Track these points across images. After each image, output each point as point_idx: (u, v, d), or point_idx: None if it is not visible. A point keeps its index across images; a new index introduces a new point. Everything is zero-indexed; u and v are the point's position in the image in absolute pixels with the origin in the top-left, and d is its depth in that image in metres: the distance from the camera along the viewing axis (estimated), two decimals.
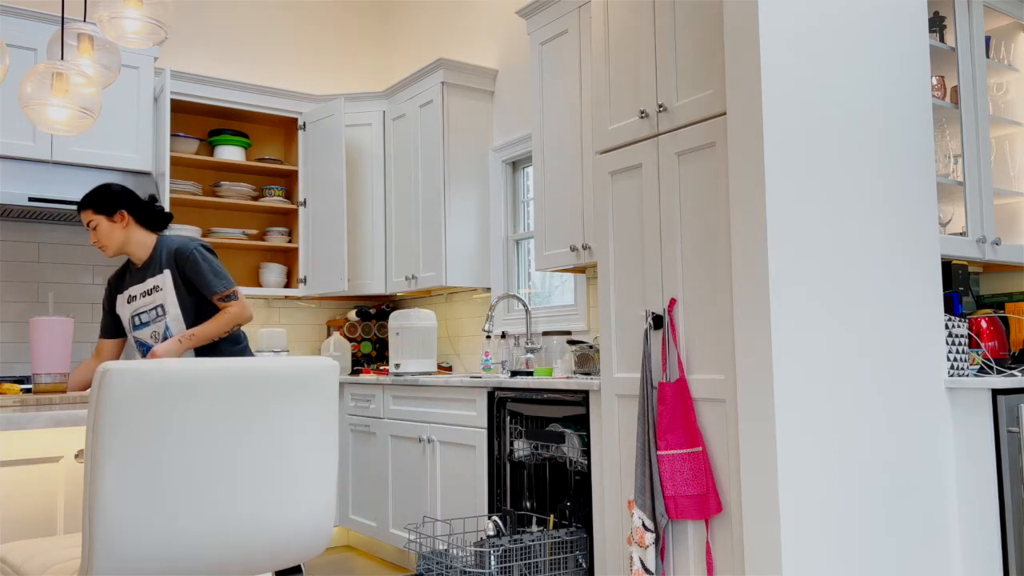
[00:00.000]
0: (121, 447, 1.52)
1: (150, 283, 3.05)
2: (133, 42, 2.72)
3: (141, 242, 3.06)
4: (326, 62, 5.73)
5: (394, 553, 4.43)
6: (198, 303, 3.04)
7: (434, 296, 5.25)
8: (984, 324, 2.87)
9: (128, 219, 3.03)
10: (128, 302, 3.09)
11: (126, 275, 3.14)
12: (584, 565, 3.07)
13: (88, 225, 3.01)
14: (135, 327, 3.08)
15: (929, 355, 2.68)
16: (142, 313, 3.06)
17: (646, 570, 2.57)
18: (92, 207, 3.00)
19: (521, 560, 3.02)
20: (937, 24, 3.23)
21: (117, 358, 3.19)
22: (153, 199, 3.13)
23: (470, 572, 2.97)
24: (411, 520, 4.07)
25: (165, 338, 3.04)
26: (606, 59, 3.00)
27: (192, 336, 2.96)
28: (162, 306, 3.03)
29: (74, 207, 4.18)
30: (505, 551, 3.01)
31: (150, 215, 3.09)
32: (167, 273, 3.02)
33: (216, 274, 3.01)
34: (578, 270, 3.93)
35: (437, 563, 3.14)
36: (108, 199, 3.01)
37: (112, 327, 3.19)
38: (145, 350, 3.09)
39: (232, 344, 3.11)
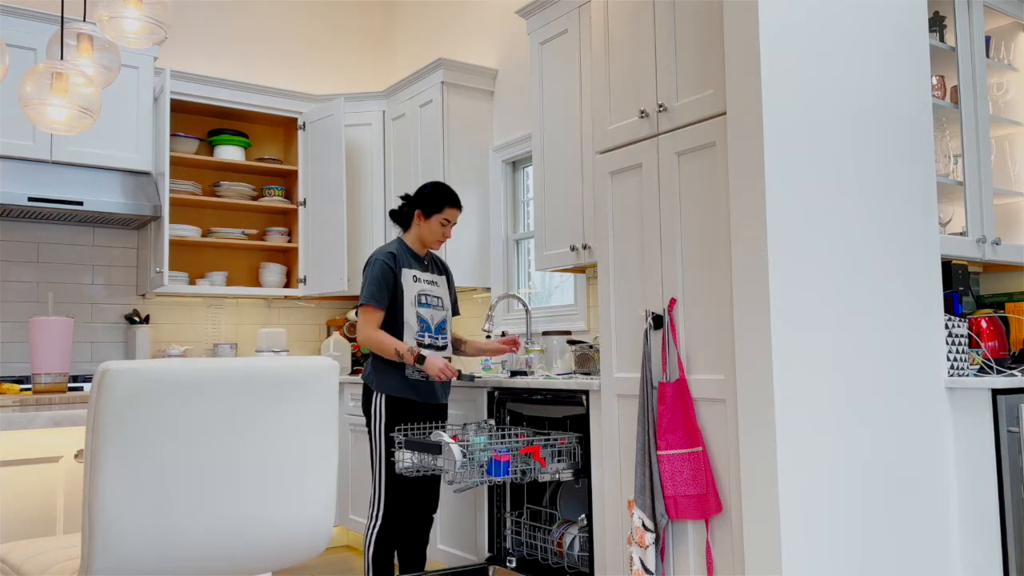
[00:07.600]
0: (121, 447, 1.51)
1: (432, 277, 3.43)
2: (133, 42, 2.71)
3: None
4: (326, 62, 5.72)
5: None
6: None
7: None
8: (984, 324, 2.87)
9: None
10: (414, 281, 3.36)
11: (404, 257, 3.37)
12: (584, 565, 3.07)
13: (455, 223, 3.44)
14: (420, 304, 3.37)
15: (929, 355, 2.68)
16: (427, 296, 3.40)
17: (646, 570, 2.57)
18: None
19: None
20: (937, 24, 3.23)
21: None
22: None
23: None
24: None
25: (440, 327, 3.40)
26: (606, 59, 3.00)
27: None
28: (443, 300, 3.44)
29: (73, 207, 4.18)
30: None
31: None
32: (444, 278, 3.50)
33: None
34: (578, 270, 3.93)
35: None
36: None
37: (388, 299, 3.32)
38: (423, 325, 3.37)
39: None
